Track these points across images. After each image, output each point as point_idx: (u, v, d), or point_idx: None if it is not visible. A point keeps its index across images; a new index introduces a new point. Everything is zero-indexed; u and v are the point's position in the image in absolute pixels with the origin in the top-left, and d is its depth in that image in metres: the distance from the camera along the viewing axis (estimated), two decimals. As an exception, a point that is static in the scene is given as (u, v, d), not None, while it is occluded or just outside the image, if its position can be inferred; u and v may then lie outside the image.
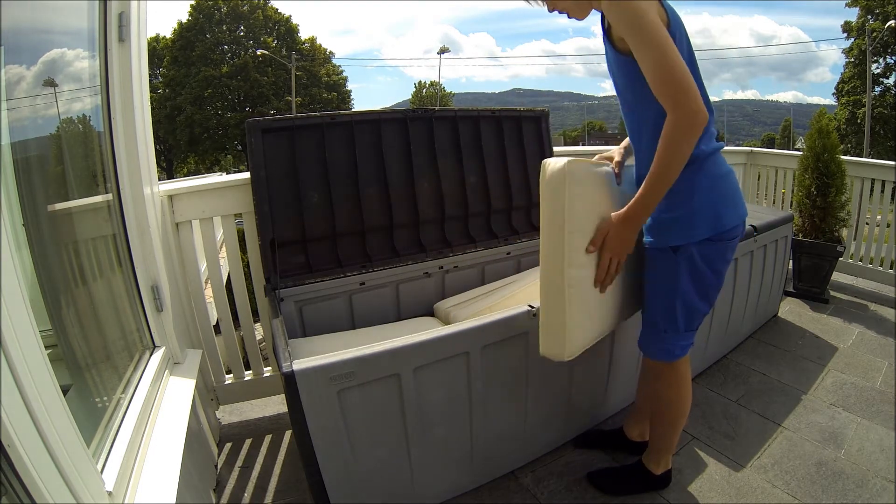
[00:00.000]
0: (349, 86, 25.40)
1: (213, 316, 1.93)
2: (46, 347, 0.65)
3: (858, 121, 19.22)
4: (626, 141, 1.35)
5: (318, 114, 1.85)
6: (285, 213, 1.67)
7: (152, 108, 1.43)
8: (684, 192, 1.09)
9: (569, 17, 1.15)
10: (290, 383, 1.05)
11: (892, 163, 2.91)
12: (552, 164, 1.07)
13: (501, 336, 1.29)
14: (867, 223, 3.13)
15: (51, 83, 0.99)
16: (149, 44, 1.87)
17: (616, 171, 1.25)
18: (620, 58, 1.07)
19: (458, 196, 1.99)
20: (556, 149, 2.26)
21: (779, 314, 2.62)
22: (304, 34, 24.74)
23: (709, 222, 1.12)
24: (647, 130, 1.12)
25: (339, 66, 29.43)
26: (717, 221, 1.13)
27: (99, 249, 1.18)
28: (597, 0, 1.09)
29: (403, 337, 1.18)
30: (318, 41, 24.54)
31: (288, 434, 1.80)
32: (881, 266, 3.01)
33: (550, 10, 1.14)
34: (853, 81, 20.13)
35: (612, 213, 1.10)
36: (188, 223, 1.69)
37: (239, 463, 1.66)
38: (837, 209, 2.75)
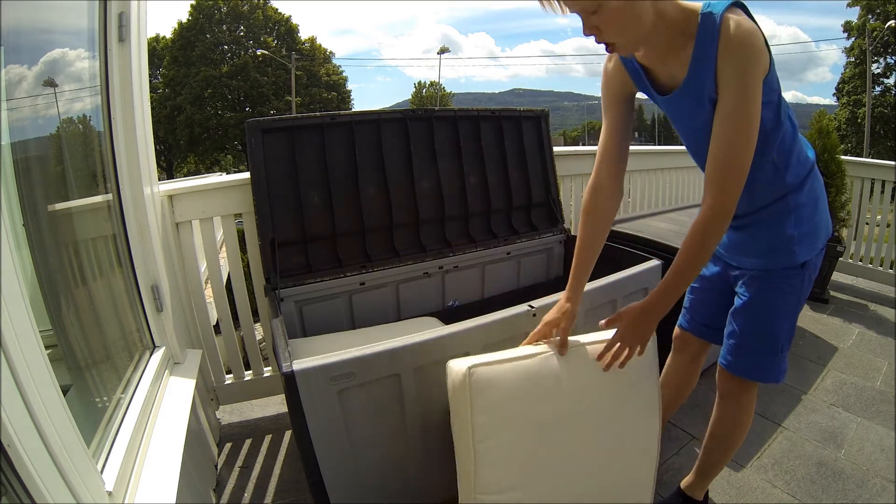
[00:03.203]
0: (349, 86, 25.41)
1: (213, 316, 1.93)
2: (46, 347, 0.65)
3: (859, 121, 19.21)
4: (570, 289, 1.14)
5: (318, 114, 1.85)
6: (285, 213, 1.67)
7: (152, 108, 1.43)
8: (810, 203, 1.04)
9: (608, 48, 0.90)
10: (290, 383, 1.05)
11: (892, 163, 2.91)
12: (454, 369, 1.04)
13: (501, 336, 1.29)
14: (867, 223, 3.13)
15: (51, 83, 0.99)
16: (149, 44, 1.87)
17: (560, 342, 1.09)
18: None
19: (458, 196, 1.99)
20: (556, 149, 2.26)
21: (779, 314, 2.62)
22: (303, 34, 24.73)
23: (826, 231, 1.08)
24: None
25: (339, 66, 29.42)
26: (829, 228, 1.10)
27: (99, 249, 1.18)
28: (672, 36, 0.89)
29: (403, 337, 1.18)
30: (318, 41, 24.54)
31: (288, 434, 1.80)
32: (881, 266, 3.01)
33: (587, 34, 0.88)
34: (854, 81, 20.11)
35: (635, 304, 1.01)
36: (188, 223, 1.69)
37: (239, 463, 1.66)
38: (837, 209, 2.75)
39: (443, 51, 25.88)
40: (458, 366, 1.05)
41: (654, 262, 1.65)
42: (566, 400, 1.08)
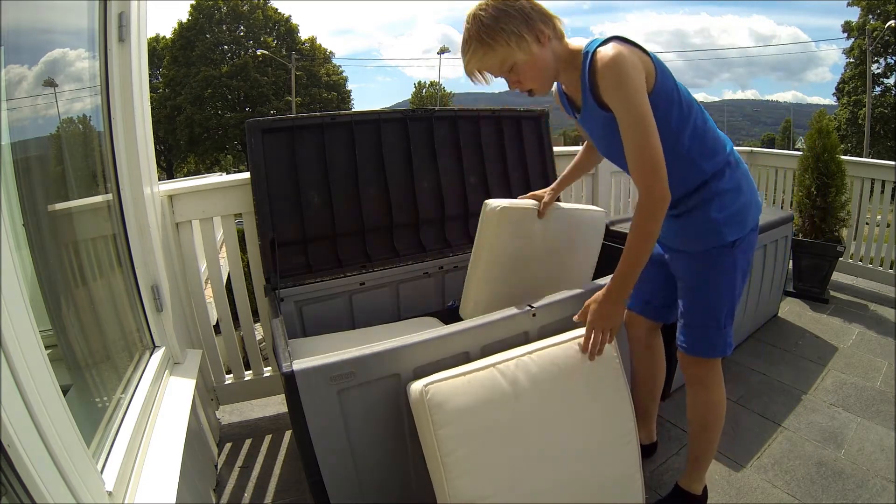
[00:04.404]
0: (349, 86, 25.38)
1: (213, 316, 1.93)
2: (46, 347, 0.65)
3: (859, 121, 19.20)
4: (557, 183, 1.57)
5: (318, 114, 1.85)
6: (285, 213, 1.67)
7: (152, 108, 1.44)
8: (732, 190, 1.15)
9: (530, 94, 1.13)
10: (290, 383, 1.05)
11: (892, 163, 2.91)
12: (412, 389, 1.09)
13: (501, 336, 1.29)
14: (867, 223, 3.13)
15: (51, 83, 0.99)
16: (149, 44, 1.87)
17: (541, 208, 1.47)
18: (610, 115, 1.06)
19: (458, 196, 1.99)
20: (556, 148, 2.26)
21: (779, 314, 2.62)
22: (303, 34, 24.71)
23: (755, 211, 1.20)
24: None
25: (339, 66, 29.39)
26: (758, 210, 1.21)
27: (99, 249, 1.18)
28: (570, 71, 1.10)
29: (403, 337, 1.18)
30: (318, 41, 24.53)
31: (288, 434, 1.80)
32: (881, 266, 3.01)
33: (512, 89, 1.13)
34: (854, 81, 20.11)
35: (598, 292, 1.14)
36: (188, 223, 1.69)
37: (239, 463, 1.66)
38: (837, 209, 2.75)
39: (443, 51, 25.83)
40: (415, 385, 1.09)
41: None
42: (529, 404, 1.12)
